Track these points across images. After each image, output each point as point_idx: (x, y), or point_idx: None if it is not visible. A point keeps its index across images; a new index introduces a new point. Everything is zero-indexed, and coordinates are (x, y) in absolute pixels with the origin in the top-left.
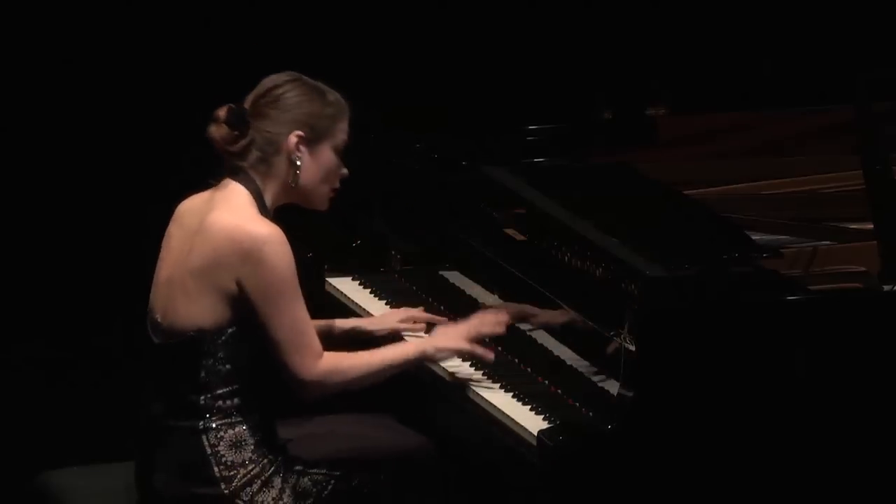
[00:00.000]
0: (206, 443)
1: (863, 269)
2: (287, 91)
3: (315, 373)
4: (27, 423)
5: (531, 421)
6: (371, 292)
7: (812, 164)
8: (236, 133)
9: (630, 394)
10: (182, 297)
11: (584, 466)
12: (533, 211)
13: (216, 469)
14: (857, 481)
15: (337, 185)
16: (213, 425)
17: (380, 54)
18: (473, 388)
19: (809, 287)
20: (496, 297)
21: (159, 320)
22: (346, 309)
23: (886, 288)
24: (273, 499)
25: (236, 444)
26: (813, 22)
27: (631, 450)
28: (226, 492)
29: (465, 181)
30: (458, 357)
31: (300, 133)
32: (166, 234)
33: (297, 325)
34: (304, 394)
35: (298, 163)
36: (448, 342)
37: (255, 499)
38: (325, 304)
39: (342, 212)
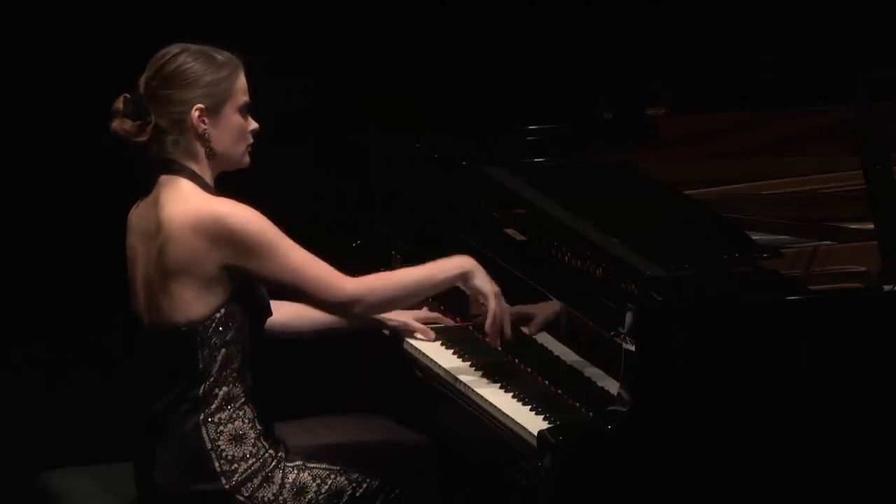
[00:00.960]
0: (206, 437)
1: (863, 269)
2: (176, 67)
3: (350, 292)
4: (27, 423)
5: (531, 421)
6: None
7: (812, 164)
8: (139, 122)
9: (630, 394)
10: (164, 298)
11: (584, 467)
12: (533, 211)
13: (217, 463)
14: (858, 481)
15: (251, 140)
16: (213, 418)
17: (380, 54)
18: (473, 388)
19: (809, 287)
20: None
21: (147, 324)
22: None
23: (886, 288)
24: (273, 494)
25: (237, 438)
26: (813, 22)
27: (631, 450)
28: (226, 487)
29: (465, 181)
30: (489, 305)
31: (200, 106)
32: (127, 246)
33: (306, 262)
34: (351, 318)
35: (207, 135)
36: (487, 284)
37: (256, 494)
38: None
39: (342, 212)
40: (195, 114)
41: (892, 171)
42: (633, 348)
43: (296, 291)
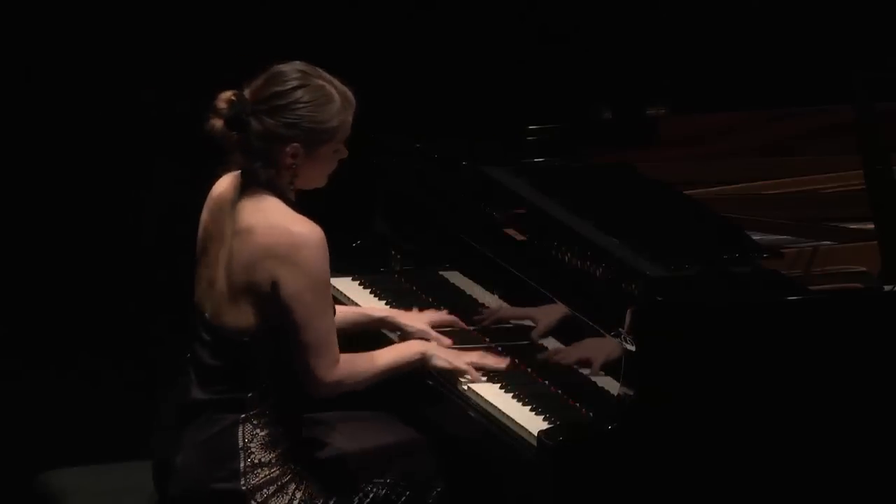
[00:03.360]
0: (241, 435)
1: (863, 269)
2: (290, 102)
3: (332, 377)
4: (27, 423)
5: (531, 421)
6: (371, 292)
7: (812, 164)
8: (234, 133)
9: (630, 394)
10: (229, 304)
11: (584, 467)
12: (533, 211)
13: (243, 464)
14: (857, 480)
15: (335, 166)
16: (253, 421)
17: (380, 54)
18: (473, 388)
19: (809, 287)
20: (496, 296)
21: (209, 318)
22: None
23: (886, 288)
24: None
25: (268, 445)
26: (813, 22)
27: (631, 450)
28: (243, 488)
29: (465, 181)
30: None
31: (296, 145)
32: (201, 222)
33: (324, 330)
34: (317, 394)
35: (294, 171)
36: (447, 354)
37: (268, 502)
38: None
39: (342, 212)
40: (289, 151)
41: (892, 171)
42: (633, 348)
43: (297, 343)
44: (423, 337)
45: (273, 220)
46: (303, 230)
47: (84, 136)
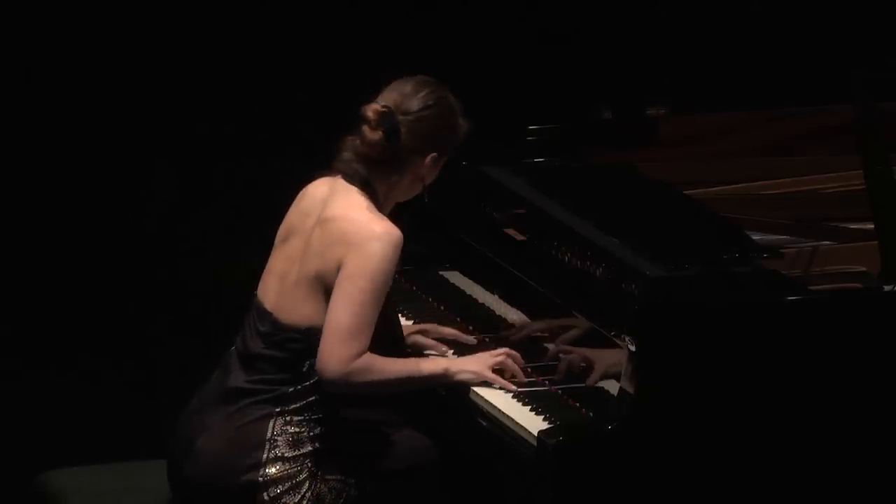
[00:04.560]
0: (271, 427)
1: (863, 269)
2: (435, 114)
3: (349, 368)
4: (27, 423)
5: (531, 421)
6: None
7: (812, 164)
8: (387, 145)
9: (630, 394)
10: (296, 296)
11: (584, 467)
12: (533, 211)
13: (265, 455)
14: (857, 480)
15: None
16: (287, 417)
17: (380, 54)
18: (474, 388)
19: (809, 287)
20: (496, 296)
21: (269, 310)
22: None
23: (886, 288)
24: (296, 503)
25: (293, 443)
26: (813, 22)
27: (631, 450)
28: (259, 480)
29: (465, 181)
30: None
31: (434, 155)
32: (287, 216)
33: (364, 319)
34: (328, 382)
35: (423, 180)
36: (470, 366)
37: (280, 498)
38: None
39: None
40: (429, 161)
41: (892, 171)
42: (633, 348)
43: (332, 320)
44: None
45: (357, 213)
46: (382, 226)
47: (84, 136)
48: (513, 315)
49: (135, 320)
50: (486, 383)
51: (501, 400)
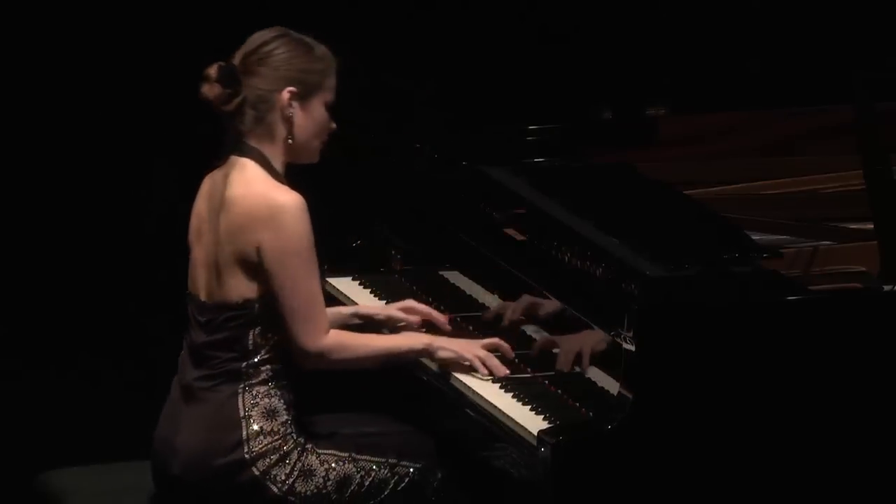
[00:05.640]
0: (241, 405)
1: (863, 269)
2: (276, 47)
3: (320, 345)
4: (27, 423)
5: (531, 421)
6: (371, 292)
7: (812, 164)
8: (229, 91)
9: (630, 394)
10: (224, 279)
11: (584, 467)
12: (533, 211)
13: (245, 432)
14: (858, 480)
15: (326, 138)
16: (252, 391)
17: (380, 54)
18: (474, 388)
19: (809, 287)
20: (496, 296)
21: (204, 300)
22: None
23: (886, 288)
24: (286, 475)
25: (269, 413)
26: (813, 21)
27: (631, 450)
28: (246, 456)
29: (465, 181)
30: (461, 361)
31: (292, 89)
32: (193, 212)
33: (310, 294)
34: (306, 364)
35: (292, 119)
36: (454, 345)
37: (270, 471)
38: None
39: (342, 212)
40: (286, 94)
41: (892, 171)
42: (633, 348)
43: (282, 308)
44: (391, 322)
45: (254, 188)
46: (281, 195)
47: (84, 136)
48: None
49: (135, 320)
50: (485, 381)
51: (501, 399)
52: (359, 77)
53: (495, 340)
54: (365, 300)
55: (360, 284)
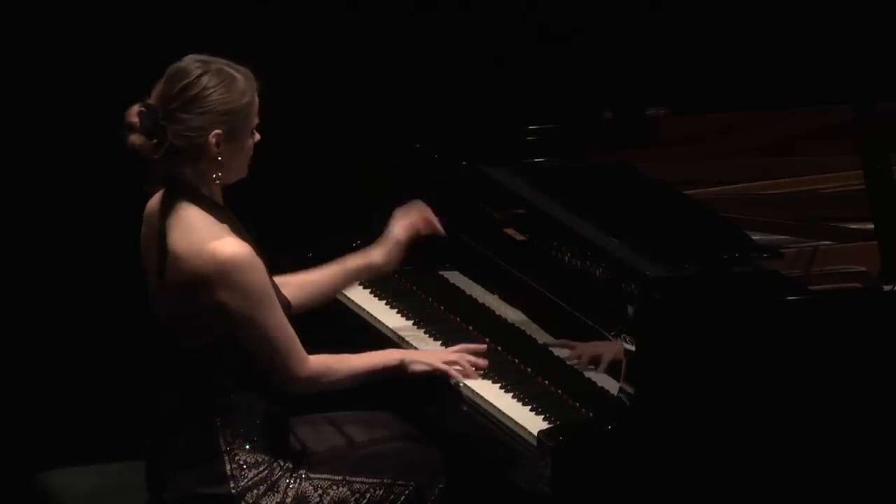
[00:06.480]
0: (221, 440)
1: (863, 269)
2: (199, 92)
3: (305, 372)
4: (27, 423)
5: (531, 421)
6: (371, 292)
7: (812, 164)
8: (155, 141)
9: (630, 394)
10: (181, 314)
11: (584, 466)
12: (533, 211)
13: (229, 466)
14: (858, 480)
15: (252, 152)
16: (232, 424)
17: (380, 54)
18: (474, 388)
19: (809, 287)
20: (496, 296)
21: (168, 326)
22: (346, 309)
23: (886, 288)
24: (277, 503)
25: (254, 446)
26: (813, 21)
27: (631, 450)
28: (233, 491)
29: (465, 181)
30: (435, 373)
31: (218, 132)
32: (142, 237)
33: (284, 333)
34: (294, 391)
35: (221, 160)
36: (425, 357)
37: (260, 501)
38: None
39: (342, 212)
40: (213, 140)
41: (892, 171)
42: (633, 348)
43: (260, 354)
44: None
45: (196, 244)
46: (226, 249)
47: (83, 136)
48: (512, 315)
49: (135, 320)
50: (485, 381)
51: (501, 400)
52: (359, 78)
53: (463, 346)
54: (365, 300)
55: (360, 285)
